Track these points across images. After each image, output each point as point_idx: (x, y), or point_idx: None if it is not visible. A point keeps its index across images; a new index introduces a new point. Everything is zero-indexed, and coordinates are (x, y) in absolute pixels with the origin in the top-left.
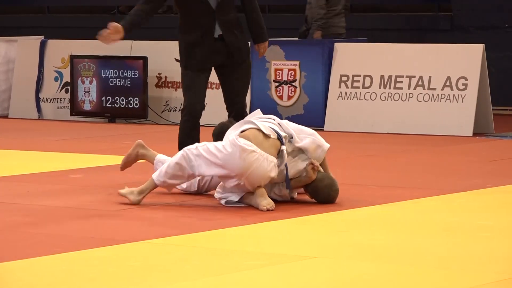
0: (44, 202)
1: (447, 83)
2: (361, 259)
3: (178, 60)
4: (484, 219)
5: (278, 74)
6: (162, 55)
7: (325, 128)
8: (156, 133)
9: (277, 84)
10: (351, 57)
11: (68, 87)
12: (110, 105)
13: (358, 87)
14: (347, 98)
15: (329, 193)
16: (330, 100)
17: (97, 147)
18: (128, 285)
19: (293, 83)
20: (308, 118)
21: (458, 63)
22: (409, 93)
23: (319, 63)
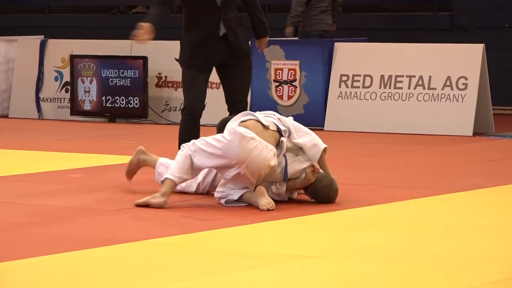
0: (44, 202)
1: (447, 83)
2: (361, 259)
3: (178, 60)
4: (484, 219)
5: (278, 74)
6: (162, 55)
7: (325, 128)
8: (156, 133)
9: (277, 84)
10: (351, 57)
11: (68, 87)
12: (110, 105)
13: (358, 87)
14: (347, 98)
15: (328, 193)
16: (330, 100)
17: (97, 147)
18: (128, 285)
19: (293, 83)
20: (308, 118)
21: (458, 63)
22: (409, 93)
23: (319, 63)
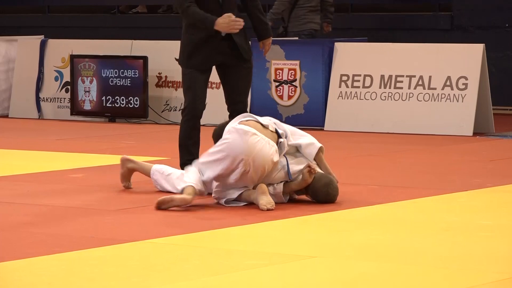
0: (44, 202)
1: (447, 83)
2: (361, 259)
3: (177, 60)
4: (484, 219)
5: (278, 74)
6: (162, 55)
7: (325, 128)
8: (156, 133)
9: (277, 84)
10: (351, 57)
11: (68, 87)
12: (110, 105)
13: (358, 87)
14: (347, 98)
15: (328, 192)
16: (330, 100)
17: (97, 147)
18: (128, 285)
19: (293, 83)
20: (308, 118)
21: (458, 63)
22: (409, 93)
23: (319, 63)
